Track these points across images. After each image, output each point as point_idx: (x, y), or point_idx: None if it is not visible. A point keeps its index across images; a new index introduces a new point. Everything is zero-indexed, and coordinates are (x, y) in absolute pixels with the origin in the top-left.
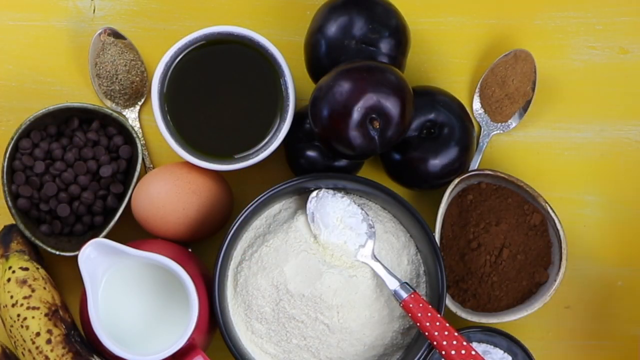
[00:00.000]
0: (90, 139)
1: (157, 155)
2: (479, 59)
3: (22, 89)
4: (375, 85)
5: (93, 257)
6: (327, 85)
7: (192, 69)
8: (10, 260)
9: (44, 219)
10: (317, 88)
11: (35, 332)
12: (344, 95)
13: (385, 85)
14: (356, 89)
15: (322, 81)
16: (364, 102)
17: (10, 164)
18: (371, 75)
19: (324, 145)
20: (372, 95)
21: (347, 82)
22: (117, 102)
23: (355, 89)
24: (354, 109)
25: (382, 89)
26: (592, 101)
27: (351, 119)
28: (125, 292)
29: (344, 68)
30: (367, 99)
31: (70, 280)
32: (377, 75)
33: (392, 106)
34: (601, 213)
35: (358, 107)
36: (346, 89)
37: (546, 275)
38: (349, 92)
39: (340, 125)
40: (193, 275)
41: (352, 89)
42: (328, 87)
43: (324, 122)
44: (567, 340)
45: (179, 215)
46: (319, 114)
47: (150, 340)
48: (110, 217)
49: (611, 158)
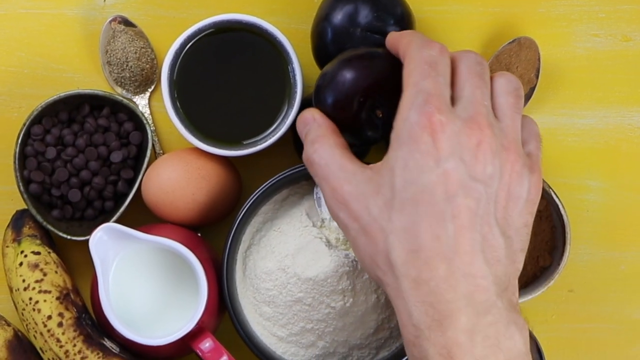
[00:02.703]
0: (101, 125)
1: (166, 141)
2: (483, 47)
3: (34, 76)
4: (377, 74)
5: (104, 242)
6: (331, 73)
7: (202, 56)
8: (22, 244)
9: (55, 204)
10: (321, 76)
11: (46, 315)
12: (347, 85)
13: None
14: (359, 78)
15: (326, 68)
16: (366, 91)
17: (22, 150)
18: (374, 63)
19: None
20: (374, 83)
21: (350, 70)
22: (127, 88)
23: (358, 77)
24: (356, 98)
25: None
26: (596, 88)
27: (354, 108)
28: (135, 276)
29: (347, 56)
30: (369, 88)
31: (81, 264)
32: (379, 63)
33: (395, 94)
34: (604, 198)
35: (360, 96)
36: (349, 78)
37: (550, 259)
38: (351, 81)
39: (344, 114)
40: (202, 259)
41: (354, 77)
42: (332, 75)
43: (328, 111)
44: (570, 323)
45: (188, 200)
46: (322, 102)
47: (160, 324)
48: (121, 202)
49: (614, 144)
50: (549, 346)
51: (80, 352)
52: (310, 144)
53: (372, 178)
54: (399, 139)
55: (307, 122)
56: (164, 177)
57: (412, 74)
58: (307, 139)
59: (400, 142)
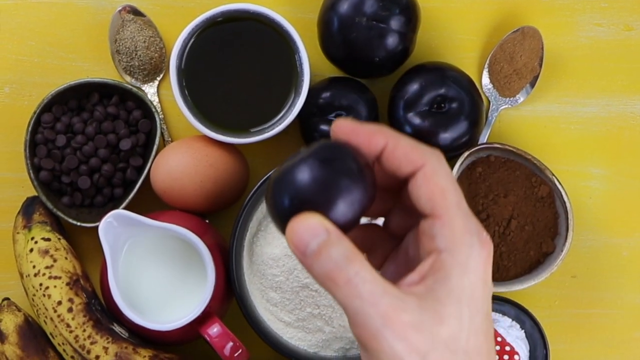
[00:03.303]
0: (110, 113)
1: (175, 129)
2: (487, 36)
3: (44, 65)
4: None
5: (113, 228)
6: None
7: (210, 45)
8: (32, 231)
9: (65, 190)
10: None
11: (56, 300)
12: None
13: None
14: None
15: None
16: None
17: (33, 138)
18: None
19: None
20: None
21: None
22: (136, 77)
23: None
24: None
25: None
26: (598, 77)
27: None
28: (144, 262)
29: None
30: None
31: (90, 250)
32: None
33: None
34: (606, 185)
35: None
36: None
37: (553, 245)
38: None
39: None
40: (210, 245)
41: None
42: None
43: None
44: (573, 308)
45: (196, 187)
46: (277, 200)
47: (169, 309)
48: (130, 189)
49: (616, 132)
50: (552, 331)
51: (90, 337)
52: (344, 262)
53: (427, 305)
54: (460, 266)
55: (316, 233)
56: (172, 165)
57: (450, 191)
58: (329, 255)
59: (463, 271)
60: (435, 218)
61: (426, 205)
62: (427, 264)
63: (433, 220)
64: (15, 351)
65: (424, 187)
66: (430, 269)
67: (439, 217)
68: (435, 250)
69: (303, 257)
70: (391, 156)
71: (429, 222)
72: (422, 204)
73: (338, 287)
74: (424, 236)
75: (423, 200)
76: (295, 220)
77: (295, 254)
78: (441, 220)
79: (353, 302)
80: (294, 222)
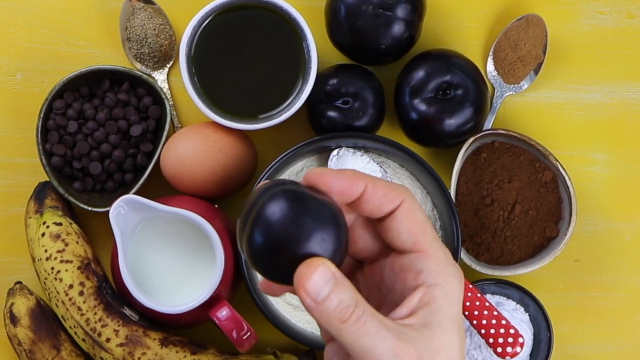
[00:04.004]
0: (120, 100)
1: (184, 115)
2: (492, 23)
3: (56, 52)
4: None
5: (124, 213)
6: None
7: (218, 33)
8: (44, 215)
9: (76, 176)
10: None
11: (68, 284)
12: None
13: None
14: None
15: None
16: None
17: (45, 124)
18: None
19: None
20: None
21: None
22: (146, 64)
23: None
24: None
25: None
26: (601, 64)
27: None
28: (154, 246)
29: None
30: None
31: (101, 234)
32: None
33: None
34: (609, 170)
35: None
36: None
37: (557, 230)
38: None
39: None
40: (219, 230)
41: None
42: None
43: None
44: (576, 292)
45: (205, 172)
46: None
47: (179, 292)
48: (140, 174)
49: (619, 118)
50: (556, 314)
51: (101, 320)
52: (352, 303)
53: (423, 336)
54: (448, 296)
55: (327, 279)
56: (182, 150)
57: (427, 225)
58: (339, 298)
59: (451, 302)
60: (419, 252)
61: (407, 239)
62: (416, 297)
63: (417, 255)
64: (27, 334)
65: (405, 222)
66: (420, 303)
67: (423, 251)
68: (423, 284)
69: (314, 303)
70: (372, 197)
71: (411, 258)
72: (403, 239)
73: (348, 327)
74: (407, 272)
75: (405, 235)
76: (305, 268)
77: (304, 299)
78: (426, 254)
79: (362, 340)
80: (305, 270)
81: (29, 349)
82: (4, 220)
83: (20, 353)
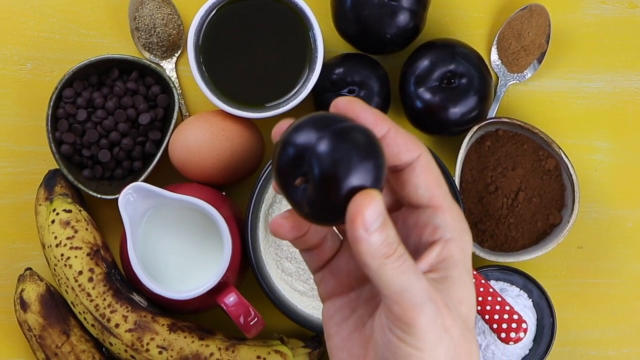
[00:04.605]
0: (129, 89)
1: (192, 104)
2: (496, 13)
3: (66, 42)
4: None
5: (132, 200)
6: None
7: (226, 23)
8: (54, 203)
9: (86, 164)
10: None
11: (77, 270)
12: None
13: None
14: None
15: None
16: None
17: (54, 112)
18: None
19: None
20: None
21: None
22: (155, 53)
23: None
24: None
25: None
26: (603, 53)
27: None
28: (162, 233)
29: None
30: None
31: (110, 221)
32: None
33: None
34: (611, 158)
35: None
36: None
37: (560, 217)
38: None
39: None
40: (226, 217)
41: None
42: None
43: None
44: (579, 278)
45: (213, 160)
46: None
47: (187, 279)
48: (149, 162)
49: (621, 106)
50: (559, 300)
51: (110, 306)
52: (397, 240)
53: (445, 289)
54: (464, 252)
55: (381, 211)
56: (190, 138)
57: (442, 181)
58: (387, 232)
59: (466, 257)
60: (435, 207)
61: (425, 194)
62: (435, 252)
63: (433, 209)
64: (37, 319)
65: (423, 176)
66: (438, 257)
67: (439, 206)
68: (441, 239)
69: (366, 234)
70: (393, 142)
71: (427, 213)
72: (420, 193)
73: (390, 262)
74: (423, 227)
75: (422, 189)
76: (362, 198)
77: (357, 230)
78: (442, 209)
79: (401, 277)
80: (362, 200)
81: (39, 335)
82: (15, 208)
83: (30, 338)
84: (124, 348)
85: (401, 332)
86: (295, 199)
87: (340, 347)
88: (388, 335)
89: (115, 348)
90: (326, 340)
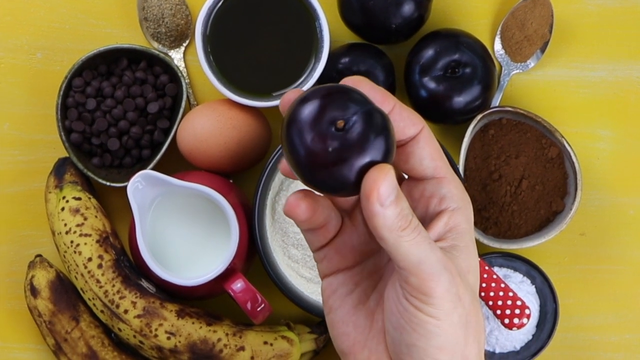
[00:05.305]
0: (138, 78)
1: (200, 93)
2: (500, 4)
3: (75, 31)
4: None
5: (141, 188)
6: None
7: (233, 13)
8: (64, 190)
9: (95, 152)
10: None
11: (87, 257)
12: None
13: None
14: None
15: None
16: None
17: (64, 101)
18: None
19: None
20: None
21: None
22: (163, 43)
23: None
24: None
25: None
26: (606, 43)
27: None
28: (171, 220)
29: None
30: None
31: (119, 209)
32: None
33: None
34: (614, 146)
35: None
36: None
37: (562, 204)
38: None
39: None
40: (234, 204)
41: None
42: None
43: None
44: (581, 264)
45: (220, 148)
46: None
47: (195, 265)
48: (157, 150)
49: (623, 95)
50: (562, 286)
51: (119, 292)
52: (410, 212)
53: (454, 258)
54: (468, 221)
55: (394, 185)
56: (198, 127)
57: (442, 153)
58: (401, 205)
59: (470, 226)
60: (440, 178)
61: (429, 165)
62: (442, 222)
63: (438, 180)
64: (47, 305)
65: (427, 148)
66: (446, 227)
67: (443, 178)
68: (447, 209)
69: (381, 208)
70: (398, 117)
71: (433, 184)
72: (425, 164)
73: (406, 234)
74: (429, 198)
75: (427, 160)
76: (377, 172)
77: (372, 204)
78: (446, 179)
79: (418, 248)
80: (377, 174)
81: (48, 320)
82: (25, 195)
83: (40, 324)
84: (132, 334)
85: (418, 302)
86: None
87: (345, 320)
88: (404, 304)
89: (124, 334)
90: (327, 315)
